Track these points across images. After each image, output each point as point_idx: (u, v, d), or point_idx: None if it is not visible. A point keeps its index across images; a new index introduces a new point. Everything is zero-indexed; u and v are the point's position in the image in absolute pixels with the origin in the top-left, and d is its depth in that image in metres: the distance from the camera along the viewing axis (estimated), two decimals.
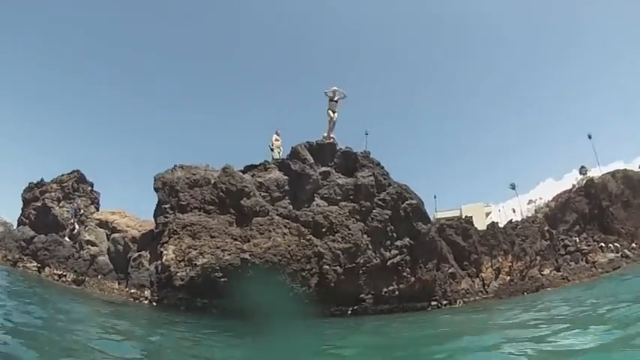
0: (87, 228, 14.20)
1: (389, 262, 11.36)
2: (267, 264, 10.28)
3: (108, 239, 13.74)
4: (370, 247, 11.20)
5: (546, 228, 17.03)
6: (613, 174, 22.59)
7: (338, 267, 10.75)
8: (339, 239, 10.92)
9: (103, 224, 14.03)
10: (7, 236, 16.68)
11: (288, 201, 11.34)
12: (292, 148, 12.12)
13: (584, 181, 21.56)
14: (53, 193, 16.19)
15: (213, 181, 11.81)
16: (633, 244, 18.27)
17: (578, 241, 18.27)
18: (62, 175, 16.49)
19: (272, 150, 12.77)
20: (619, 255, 17.86)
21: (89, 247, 13.82)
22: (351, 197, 11.57)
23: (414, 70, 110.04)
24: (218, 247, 10.72)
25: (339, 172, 11.95)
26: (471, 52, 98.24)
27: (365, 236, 11.20)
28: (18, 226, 17.41)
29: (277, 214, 11.04)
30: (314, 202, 11.38)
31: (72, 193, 15.98)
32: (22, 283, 11.43)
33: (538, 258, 15.60)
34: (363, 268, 11.02)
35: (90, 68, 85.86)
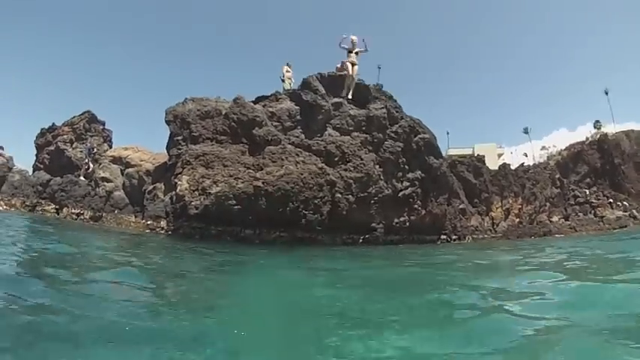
0: (101, 165, 14.40)
1: (400, 194, 11.44)
2: (280, 191, 10.40)
3: (122, 174, 13.94)
4: (382, 177, 11.24)
5: (557, 176, 16.92)
6: (627, 133, 22.20)
7: (350, 195, 10.84)
8: (351, 168, 10.95)
9: (116, 160, 14.20)
10: (23, 183, 17.02)
11: (300, 130, 11.30)
12: (303, 79, 11.94)
13: (598, 136, 21.22)
14: (65, 136, 16.36)
15: (224, 112, 11.76)
16: None
17: (588, 193, 18.19)
18: (73, 117, 16.56)
19: (283, 81, 12.59)
20: (627, 214, 17.82)
21: (104, 183, 14.07)
22: (363, 128, 11.49)
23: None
24: (231, 176, 10.82)
25: (350, 103, 11.81)
26: None
27: (377, 167, 11.22)
28: (33, 172, 17.73)
29: (289, 143, 11.05)
30: (326, 132, 11.34)
31: (84, 133, 16.12)
32: (42, 224, 11.68)
33: (547, 204, 15.62)
34: (375, 198, 11.11)
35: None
